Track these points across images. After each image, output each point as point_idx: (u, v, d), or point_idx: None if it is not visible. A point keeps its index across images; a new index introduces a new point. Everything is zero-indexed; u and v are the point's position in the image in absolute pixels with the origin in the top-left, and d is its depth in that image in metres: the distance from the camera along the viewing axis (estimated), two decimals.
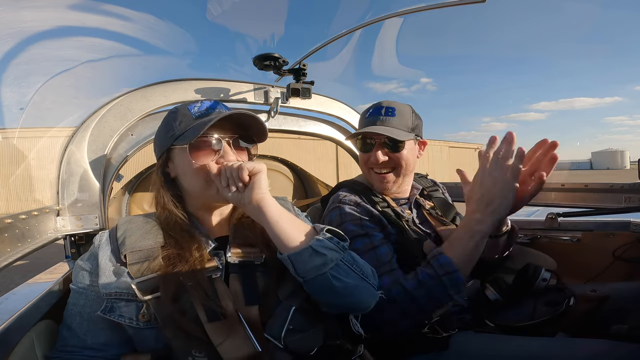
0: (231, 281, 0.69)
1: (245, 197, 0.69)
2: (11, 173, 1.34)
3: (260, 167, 0.70)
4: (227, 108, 0.79)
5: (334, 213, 1.06)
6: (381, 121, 1.09)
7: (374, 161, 1.09)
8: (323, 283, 0.64)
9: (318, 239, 0.66)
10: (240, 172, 0.68)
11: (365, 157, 1.12)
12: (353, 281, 0.67)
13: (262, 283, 0.70)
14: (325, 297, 0.67)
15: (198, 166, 0.73)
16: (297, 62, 1.44)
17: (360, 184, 1.16)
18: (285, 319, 0.63)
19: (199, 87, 1.30)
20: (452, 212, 1.18)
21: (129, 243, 0.70)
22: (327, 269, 0.64)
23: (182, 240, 0.71)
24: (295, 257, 0.64)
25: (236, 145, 0.77)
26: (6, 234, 0.82)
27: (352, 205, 1.05)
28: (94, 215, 1.11)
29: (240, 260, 0.71)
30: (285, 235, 0.67)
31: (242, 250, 0.73)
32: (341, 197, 1.09)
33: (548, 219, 1.32)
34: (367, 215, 1.03)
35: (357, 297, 0.69)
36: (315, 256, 0.64)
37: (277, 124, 1.53)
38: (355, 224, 1.01)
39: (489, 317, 1.02)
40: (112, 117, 1.15)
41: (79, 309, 0.69)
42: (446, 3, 1.20)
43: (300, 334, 0.64)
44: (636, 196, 1.25)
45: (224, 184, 0.70)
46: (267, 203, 0.69)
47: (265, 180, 0.70)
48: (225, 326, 0.62)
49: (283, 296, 0.69)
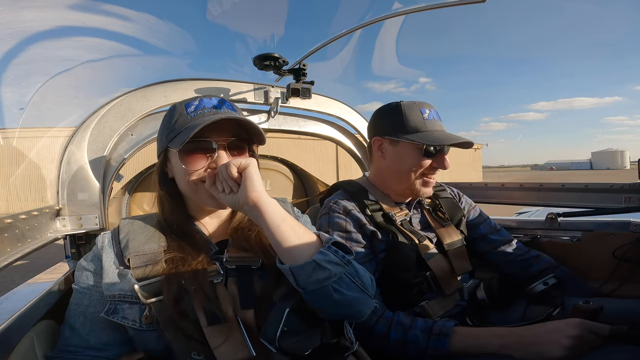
0: (229, 285, 0.69)
1: (240, 198, 0.65)
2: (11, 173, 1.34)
3: (248, 161, 0.66)
4: (229, 105, 0.77)
5: (324, 219, 1.05)
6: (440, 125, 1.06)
7: (439, 167, 1.05)
8: (323, 295, 0.62)
9: (322, 252, 0.62)
10: (228, 169, 0.66)
11: (427, 162, 1.04)
12: (353, 293, 0.64)
13: (259, 287, 0.69)
14: (323, 307, 0.65)
15: (190, 171, 0.71)
16: (297, 62, 1.44)
17: (357, 185, 1.14)
18: (279, 321, 0.62)
19: (199, 87, 1.30)
20: (458, 215, 1.16)
21: (132, 247, 0.70)
22: (330, 282, 0.61)
23: (184, 243, 0.71)
24: (297, 270, 0.61)
25: (234, 147, 0.74)
26: (6, 234, 0.82)
27: (341, 213, 1.03)
28: (94, 215, 1.11)
29: (237, 264, 0.71)
30: (287, 244, 0.63)
31: (239, 254, 0.72)
32: (332, 204, 1.06)
33: (548, 219, 1.32)
34: (356, 225, 1.02)
35: (355, 308, 0.66)
36: (318, 270, 0.60)
37: (277, 124, 1.53)
38: (341, 236, 1.00)
39: (476, 317, 1.02)
40: (112, 117, 1.15)
41: (83, 309, 0.69)
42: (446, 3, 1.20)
43: (295, 336, 0.63)
44: (636, 196, 1.25)
45: (219, 189, 0.68)
46: (264, 203, 0.65)
47: (257, 175, 0.67)
48: (223, 330, 0.62)
49: (277, 298, 0.67)
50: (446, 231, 1.09)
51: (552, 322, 0.80)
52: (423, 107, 1.06)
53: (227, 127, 0.73)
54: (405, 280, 0.98)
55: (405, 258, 0.98)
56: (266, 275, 0.71)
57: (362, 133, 1.73)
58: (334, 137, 1.72)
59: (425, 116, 1.04)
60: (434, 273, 1.00)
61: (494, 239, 1.18)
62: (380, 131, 1.10)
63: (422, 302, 0.99)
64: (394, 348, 0.87)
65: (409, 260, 0.98)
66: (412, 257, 0.99)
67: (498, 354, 0.78)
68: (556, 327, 0.77)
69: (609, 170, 66.87)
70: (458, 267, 1.05)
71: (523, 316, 0.99)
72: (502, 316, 1.03)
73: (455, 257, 1.06)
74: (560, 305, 0.96)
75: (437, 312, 0.99)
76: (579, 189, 1.40)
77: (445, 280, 1.02)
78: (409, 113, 1.05)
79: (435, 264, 1.01)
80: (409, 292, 0.98)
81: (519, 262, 1.15)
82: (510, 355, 0.77)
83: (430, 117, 1.05)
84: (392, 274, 0.99)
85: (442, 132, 1.05)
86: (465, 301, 1.07)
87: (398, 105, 1.07)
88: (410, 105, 1.06)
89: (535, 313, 0.98)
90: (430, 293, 1.01)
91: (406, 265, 0.98)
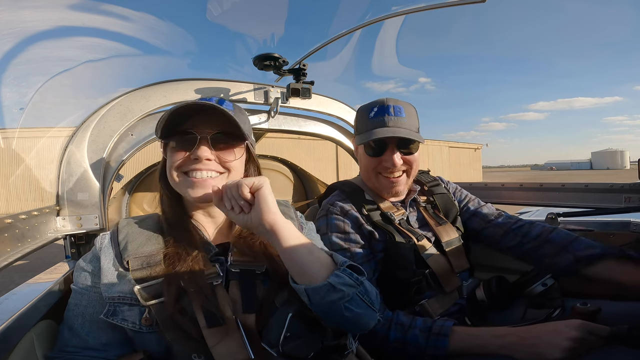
0: (230, 288, 0.69)
1: (254, 219, 0.65)
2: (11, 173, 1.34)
3: (261, 181, 0.65)
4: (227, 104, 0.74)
5: (322, 221, 1.06)
6: (393, 121, 1.01)
7: (388, 165, 1.02)
8: (334, 312, 0.62)
9: (337, 275, 0.63)
10: (239, 189, 0.64)
11: (375, 162, 1.05)
12: (362, 310, 0.65)
13: (261, 291, 0.69)
14: (331, 321, 0.65)
15: (171, 162, 0.72)
16: (297, 62, 1.44)
17: (352, 185, 1.14)
18: (282, 326, 0.62)
19: (199, 87, 1.30)
20: (453, 211, 1.16)
21: (131, 249, 0.70)
22: (342, 302, 0.62)
23: (183, 243, 0.71)
24: (312, 291, 0.61)
25: (219, 142, 0.73)
26: (6, 234, 0.82)
27: (339, 214, 1.03)
28: (94, 215, 1.11)
29: (242, 268, 0.70)
30: (303, 266, 0.64)
31: (243, 258, 0.72)
32: (329, 206, 1.07)
33: (548, 219, 1.32)
34: (354, 226, 1.02)
35: (361, 322, 0.67)
36: (332, 292, 0.61)
37: (277, 124, 1.53)
38: (339, 237, 1.00)
39: (475, 317, 1.02)
40: (112, 117, 1.15)
41: (82, 310, 0.69)
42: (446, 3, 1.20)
43: (297, 340, 0.63)
44: (636, 196, 1.25)
45: (227, 206, 0.67)
46: (281, 226, 0.64)
47: (271, 196, 0.66)
48: (222, 332, 0.62)
49: (279, 303, 0.68)
50: (443, 229, 1.10)
51: (552, 323, 0.80)
52: (374, 105, 1.05)
53: (216, 122, 0.72)
54: (404, 279, 0.98)
55: (404, 257, 0.99)
56: (268, 280, 0.71)
57: None
58: (334, 137, 1.72)
59: (371, 115, 1.04)
60: (433, 271, 1.01)
61: (484, 212, 1.18)
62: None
63: (422, 301, 0.99)
64: (393, 347, 0.87)
65: (408, 259, 0.99)
66: (410, 256, 0.99)
67: (498, 354, 0.79)
68: (556, 328, 0.77)
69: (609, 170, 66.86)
70: (456, 264, 1.06)
71: (522, 317, 0.99)
72: (502, 317, 1.03)
73: (453, 254, 1.06)
74: (560, 307, 0.96)
75: (437, 311, 0.99)
76: (579, 189, 1.40)
77: (445, 278, 1.02)
78: (360, 115, 1.09)
79: (434, 262, 1.02)
80: (408, 291, 0.98)
81: (514, 230, 1.11)
82: (510, 356, 0.77)
83: (377, 115, 1.03)
84: (391, 273, 1.00)
85: (383, 129, 1.01)
86: (464, 299, 1.07)
87: (359, 108, 1.11)
88: (365, 106, 1.09)
89: (534, 314, 0.98)
90: (430, 291, 1.01)
91: (405, 264, 0.98)
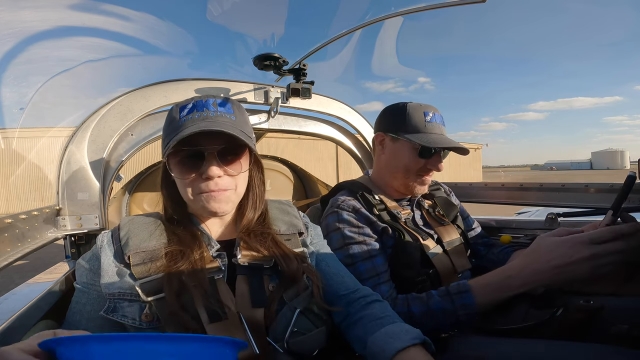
0: (238, 282, 0.68)
1: None
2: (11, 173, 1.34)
3: None
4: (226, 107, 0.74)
5: (332, 217, 1.06)
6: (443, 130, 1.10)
7: (432, 168, 1.08)
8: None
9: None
10: None
11: (421, 163, 1.08)
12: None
13: (269, 287, 0.69)
14: None
15: (180, 180, 0.71)
16: (297, 62, 1.44)
17: (359, 184, 1.16)
18: (289, 321, 0.62)
19: (199, 87, 1.30)
20: (453, 212, 1.18)
21: (132, 244, 0.70)
22: None
23: (185, 239, 0.71)
24: None
25: (226, 154, 0.71)
26: (6, 234, 0.82)
27: (350, 212, 1.04)
28: (94, 215, 1.11)
29: (250, 262, 0.70)
30: None
31: (251, 253, 0.71)
32: (340, 202, 1.07)
33: (548, 219, 1.32)
34: (366, 222, 1.03)
35: None
36: None
37: (277, 124, 1.53)
38: (353, 231, 1.01)
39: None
40: (112, 117, 1.15)
41: (80, 307, 0.69)
42: (446, 3, 1.20)
43: (303, 336, 0.64)
44: (636, 196, 1.25)
45: None
46: None
47: None
48: (225, 327, 0.62)
49: (288, 298, 0.68)
50: (445, 229, 1.11)
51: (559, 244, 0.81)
52: (427, 110, 1.09)
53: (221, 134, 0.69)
54: (409, 278, 0.99)
55: (410, 256, 0.99)
56: (276, 276, 0.71)
57: (362, 133, 1.74)
58: (334, 137, 1.73)
59: (428, 119, 1.08)
60: (437, 271, 1.01)
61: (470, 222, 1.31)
62: (383, 127, 1.15)
63: None
64: (420, 321, 0.85)
65: (414, 258, 0.99)
66: (416, 255, 1.00)
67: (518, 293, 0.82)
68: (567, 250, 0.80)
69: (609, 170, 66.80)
70: (459, 264, 1.06)
71: (524, 318, 0.99)
72: (503, 318, 1.03)
73: (455, 255, 1.07)
74: (562, 305, 0.96)
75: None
76: (579, 189, 1.40)
77: (447, 278, 1.02)
78: (412, 113, 1.09)
79: (438, 262, 1.02)
80: (411, 290, 0.99)
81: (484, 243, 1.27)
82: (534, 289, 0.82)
83: (432, 120, 1.09)
84: (397, 272, 1.00)
85: (440, 136, 1.08)
86: None
87: (404, 105, 1.11)
88: (415, 106, 1.10)
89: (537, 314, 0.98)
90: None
91: (411, 262, 0.99)
